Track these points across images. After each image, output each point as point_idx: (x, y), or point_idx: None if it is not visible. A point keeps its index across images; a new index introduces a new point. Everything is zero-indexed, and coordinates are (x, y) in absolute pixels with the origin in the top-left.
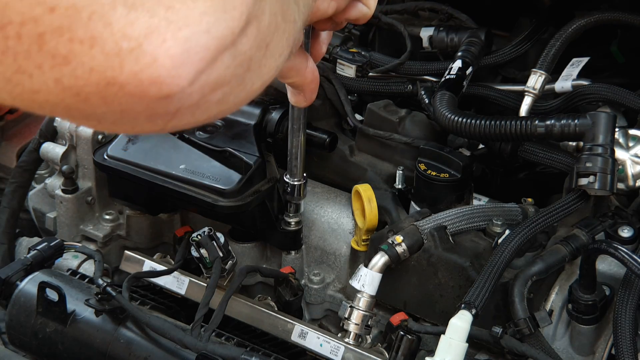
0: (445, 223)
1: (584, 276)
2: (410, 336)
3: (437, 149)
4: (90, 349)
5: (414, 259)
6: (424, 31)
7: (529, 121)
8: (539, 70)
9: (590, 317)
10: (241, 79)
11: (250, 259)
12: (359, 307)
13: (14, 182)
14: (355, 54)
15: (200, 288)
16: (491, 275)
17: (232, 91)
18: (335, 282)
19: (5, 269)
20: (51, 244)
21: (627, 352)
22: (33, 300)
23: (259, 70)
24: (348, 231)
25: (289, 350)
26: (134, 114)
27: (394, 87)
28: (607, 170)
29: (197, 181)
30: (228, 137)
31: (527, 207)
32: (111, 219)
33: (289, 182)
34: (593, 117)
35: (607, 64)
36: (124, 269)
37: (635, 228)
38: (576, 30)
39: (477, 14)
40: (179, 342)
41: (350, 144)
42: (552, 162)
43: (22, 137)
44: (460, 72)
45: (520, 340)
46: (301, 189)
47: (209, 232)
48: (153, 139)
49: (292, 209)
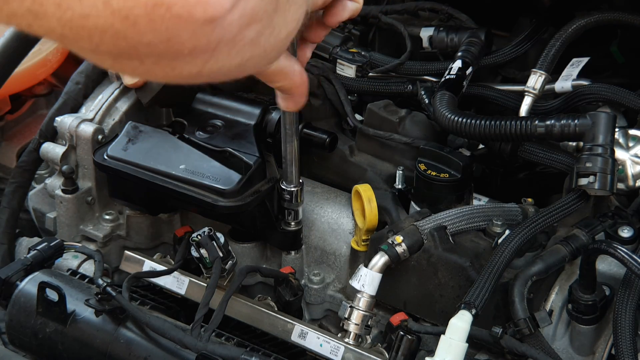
0: (445, 223)
1: (584, 276)
2: (410, 336)
3: (437, 149)
4: (90, 349)
5: (414, 259)
6: (424, 31)
7: (529, 121)
8: (539, 70)
9: (590, 317)
10: (270, 18)
11: (250, 259)
12: (359, 307)
13: (14, 182)
14: (355, 54)
15: (200, 288)
16: (491, 275)
17: (263, 31)
18: (335, 282)
19: (5, 269)
20: (51, 244)
21: (627, 352)
22: (33, 300)
23: (284, 16)
24: (348, 231)
25: (289, 350)
26: (179, 45)
27: (394, 87)
28: (607, 170)
29: (197, 181)
30: (228, 137)
31: (527, 207)
32: (111, 219)
33: (286, 188)
34: (593, 117)
35: (607, 64)
36: (124, 269)
37: (635, 228)
38: (576, 30)
39: (477, 14)
40: (179, 342)
41: (350, 144)
42: (552, 162)
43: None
44: (460, 72)
45: (520, 340)
46: (298, 195)
47: (209, 232)
48: (153, 139)
49: (292, 217)
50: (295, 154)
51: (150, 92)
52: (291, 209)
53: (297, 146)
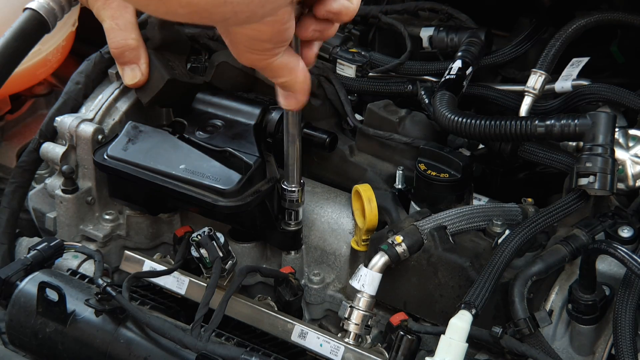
0: (445, 223)
1: (584, 276)
2: (410, 336)
3: (437, 149)
4: (90, 349)
5: (414, 259)
6: (424, 31)
7: (529, 121)
8: (539, 70)
9: (590, 317)
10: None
11: (250, 259)
12: (359, 307)
13: (13, 182)
14: (355, 54)
15: (200, 288)
16: (491, 275)
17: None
18: (335, 282)
19: (5, 269)
20: (51, 244)
21: (627, 352)
22: (33, 300)
23: None
24: (348, 231)
25: (289, 350)
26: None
27: (394, 87)
28: (607, 170)
29: (197, 181)
30: (228, 137)
31: (527, 207)
32: (111, 219)
33: (287, 188)
34: (593, 117)
35: (607, 64)
36: (124, 269)
37: (635, 228)
38: (576, 30)
39: (477, 14)
40: (179, 342)
41: (350, 144)
42: (552, 162)
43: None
44: (460, 72)
45: (520, 340)
46: (299, 196)
47: (209, 232)
48: (153, 139)
49: (292, 217)
50: (298, 155)
51: (150, 92)
52: (292, 210)
53: (300, 147)
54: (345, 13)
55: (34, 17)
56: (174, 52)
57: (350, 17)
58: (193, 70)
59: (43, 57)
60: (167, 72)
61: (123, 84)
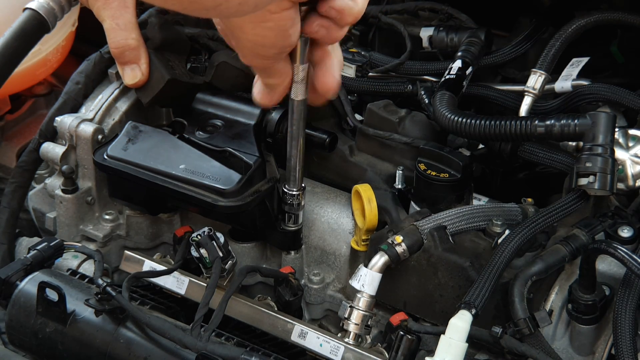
0: (445, 223)
1: (584, 276)
2: (410, 336)
3: (437, 149)
4: (90, 349)
5: (413, 259)
6: (424, 31)
7: (529, 121)
8: (539, 70)
9: (590, 317)
10: None
11: (250, 259)
12: (359, 307)
13: (13, 182)
14: (355, 54)
15: (200, 288)
16: (491, 275)
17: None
18: (335, 282)
19: (5, 269)
20: (51, 244)
21: (627, 352)
22: (33, 300)
23: None
24: (348, 231)
25: (289, 350)
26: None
27: (394, 87)
28: (607, 170)
29: (197, 181)
30: (228, 137)
31: (527, 207)
32: (111, 219)
33: (288, 191)
34: (593, 117)
35: (607, 64)
36: (124, 269)
37: (635, 228)
38: (576, 30)
39: (477, 14)
40: (179, 342)
41: (350, 144)
42: (552, 162)
43: (22, 137)
44: (460, 72)
45: (520, 340)
46: (300, 199)
47: (209, 232)
48: (153, 139)
49: (292, 220)
50: (300, 156)
51: (151, 92)
52: (292, 213)
53: (302, 150)
54: (348, 13)
55: (34, 17)
56: (174, 52)
57: (354, 17)
58: (193, 70)
59: (43, 57)
60: (167, 72)
61: (123, 84)
